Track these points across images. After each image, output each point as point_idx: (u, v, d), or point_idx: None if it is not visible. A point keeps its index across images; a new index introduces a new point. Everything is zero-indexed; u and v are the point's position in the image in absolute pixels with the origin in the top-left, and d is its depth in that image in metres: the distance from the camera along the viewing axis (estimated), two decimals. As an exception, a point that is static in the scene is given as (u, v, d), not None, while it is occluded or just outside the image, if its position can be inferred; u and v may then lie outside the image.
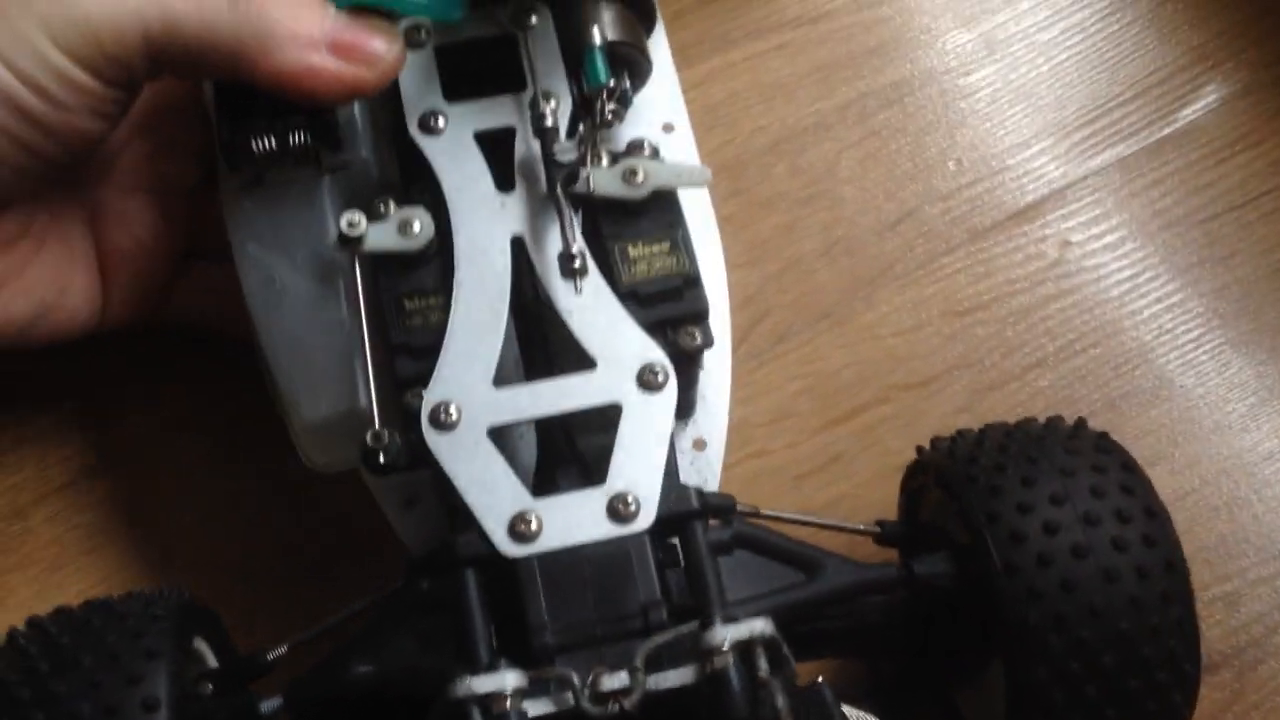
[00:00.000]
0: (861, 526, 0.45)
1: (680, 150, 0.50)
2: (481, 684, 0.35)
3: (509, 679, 0.35)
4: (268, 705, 0.39)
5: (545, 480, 0.41)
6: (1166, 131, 0.59)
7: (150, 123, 0.49)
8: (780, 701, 0.34)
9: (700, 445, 0.45)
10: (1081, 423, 0.44)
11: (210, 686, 0.40)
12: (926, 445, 0.46)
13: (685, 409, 0.45)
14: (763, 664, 0.35)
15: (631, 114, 0.46)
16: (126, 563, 0.50)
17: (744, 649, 0.35)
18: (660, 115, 0.50)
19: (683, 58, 0.56)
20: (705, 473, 0.45)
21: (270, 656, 0.41)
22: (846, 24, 0.61)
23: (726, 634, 0.35)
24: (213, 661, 0.42)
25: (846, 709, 0.38)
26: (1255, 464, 0.53)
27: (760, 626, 0.36)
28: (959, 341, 0.55)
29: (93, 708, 0.35)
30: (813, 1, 0.61)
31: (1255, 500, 0.52)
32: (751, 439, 0.53)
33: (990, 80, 0.60)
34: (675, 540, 0.40)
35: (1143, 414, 0.53)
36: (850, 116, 0.59)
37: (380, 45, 0.43)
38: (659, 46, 0.51)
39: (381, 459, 0.40)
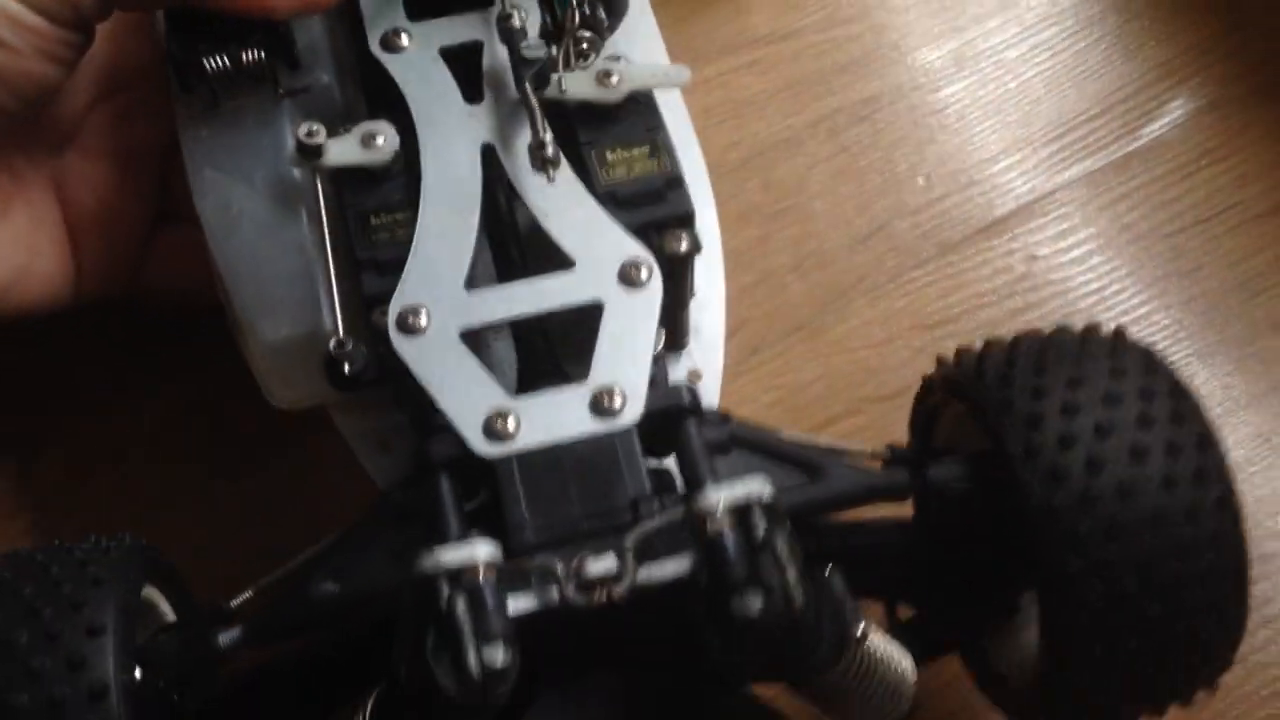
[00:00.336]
0: (870, 451, 0.42)
1: (666, 105, 0.46)
2: (451, 555, 0.32)
3: (481, 550, 0.32)
4: (226, 637, 0.37)
5: (525, 387, 0.39)
6: (1133, 146, 0.59)
7: (116, 85, 0.48)
8: (784, 559, 0.32)
9: (695, 377, 0.43)
10: (1121, 335, 0.41)
11: (167, 633, 0.38)
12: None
13: (679, 338, 0.43)
14: (760, 524, 0.32)
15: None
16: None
17: (741, 514, 0.32)
18: (637, 55, 0.47)
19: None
20: (704, 383, 0.43)
21: (235, 603, 0.39)
22: (817, 41, 0.62)
23: (719, 495, 0.33)
24: (163, 604, 0.39)
25: (874, 628, 0.35)
26: (1221, 474, 0.53)
27: (756, 487, 0.33)
28: (928, 354, 0.54)
29: (32, 637, 0.33)
30: (784, 19, 0.62)
31: (1222, 509, 0.53)
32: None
33: (959, 96, 0.61)
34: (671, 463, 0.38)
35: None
36: (821, 132, 0.60)
37: None
38: (643, 18, 0.49)
39: (346, 368, 0.38)
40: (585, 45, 0.43)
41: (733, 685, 0.37)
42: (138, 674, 0.34)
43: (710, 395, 0.43)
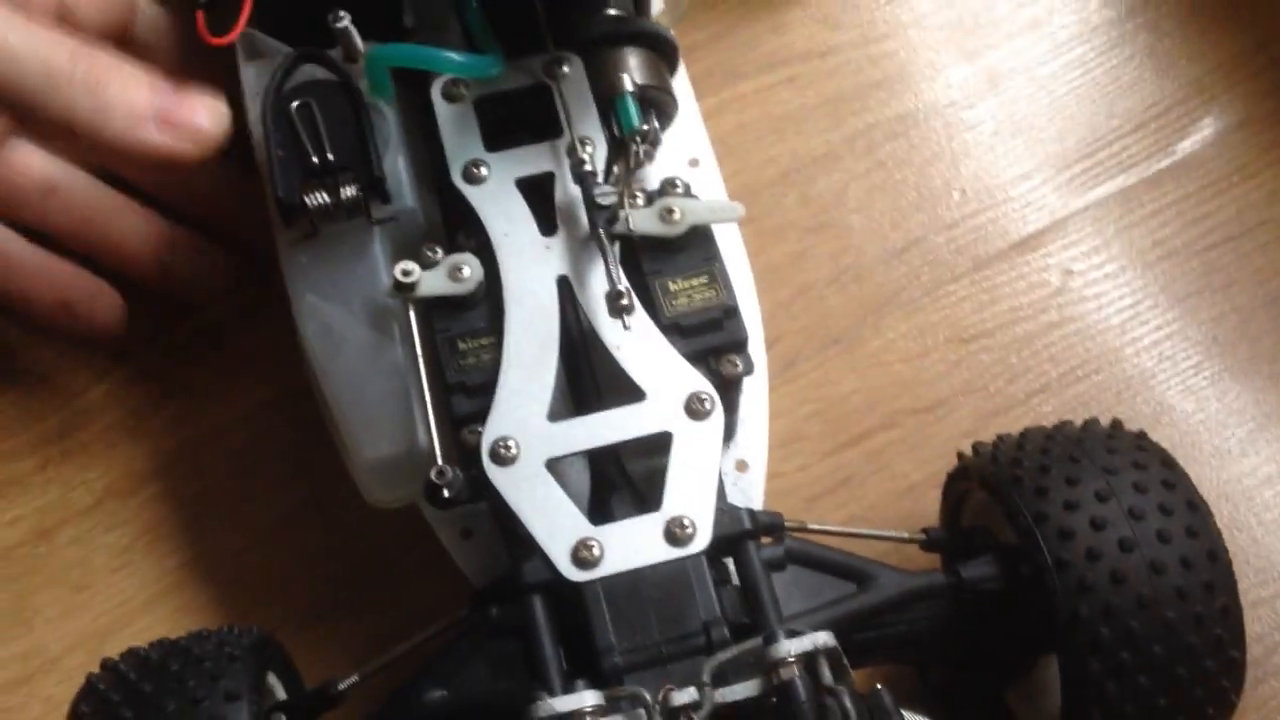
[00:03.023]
0: (906, 535, 0.47)
1: (707, 182, 0.52)
2: (562, 703, 0.37)
3: (587, 698, 0.37)
4: None
5: (600, 506, 0.43)
6: (1165, 163, 0.60)
7: None
8: (848, 705, 0.36)
9: (743, 467, 0.47)
10: (1118, 423, 0.46)
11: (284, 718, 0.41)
12: (933, 469, 0.47)
13: (728, 433, 0.47)
14: (826, 673, 0.36)
15: (659, 151, 0.49)
16: (150, 582, 0.51)
17: (808, 660, 0.37)
18: (686, 150, 0.52)
19: (694, 90, 0.57)
20: (749, 492, 0.47)
21: (341, 686, 0.42)
22: (853, 58, 0.63)
23: (790, 647, 0.37)
24: (282, 694, 0.43)
25: (904, 713, 0.39)
26: (1254, 488, 0.54)
27: (823, 639, 0.37)
28: (964, 368, 0.56)
29: (179, 703, 0.38)
30: (820, 36, 0.63)
31: (1254, 524, 0.53)
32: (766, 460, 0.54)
33: (993, 113, 0.61)
34: (729, 560, 0.42)
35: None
36: (858, 148, 0.61)
37: (204, 120, 0.47)
38: (681, 84, 0.53)
39: (446, 494, 0.42)
40: (644, 155, 0.47)
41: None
42: None
43: (756, 484, 0.47)
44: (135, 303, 0.55)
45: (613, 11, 0.49)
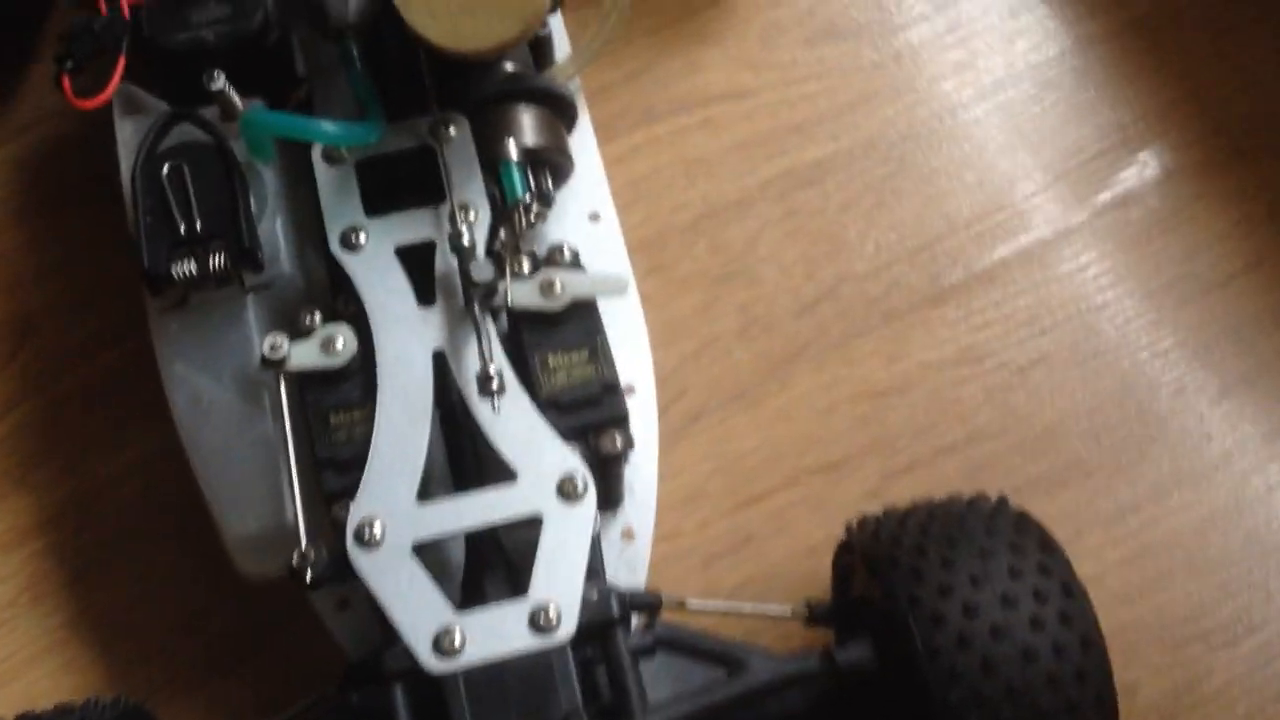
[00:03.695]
0: (789, 611, 0.46)
1: (606, 240, 0.51)
2: None
3: None
4: None
5: (472, 584, 0.43)
6: (1082, 217, 0.59)
7: None
8: None
9: (629, 535, 0.47)
10: (1002, 501, 0.45)
11: None
12: (836, 529, 0.47)
13: (613, 500, 0.46)
14: None
15: (557, 204, 0.48)
16: (33, 639, 0.50)
17: None
18: (586, 204, 0.51)
19: (606, 131, 0.57)
20: (634, 563, 0.46)
21: None
22: (770, 101, 0.61)
23: None
24: None
25: None
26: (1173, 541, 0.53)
27: None
28: (871, 424, 0.55)
29: None
30: (738, 77, 0.62)
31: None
32: (663, 520, 0.53)
33: (911, 161, 0.60)
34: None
35: (1049, 498, 0.54)
36: (771, 194, 0.60)
37: None
38: (583, 134, 0.52)
39: (308, 576, 0.41)
40: (534, 217, 0.46)
41: None
42: None
43: (641, 554, 0.46)
44: (24, 349, 0.54)
45: (508, 67, 0.48)
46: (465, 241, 0.44)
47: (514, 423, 0.42)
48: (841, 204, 0.59)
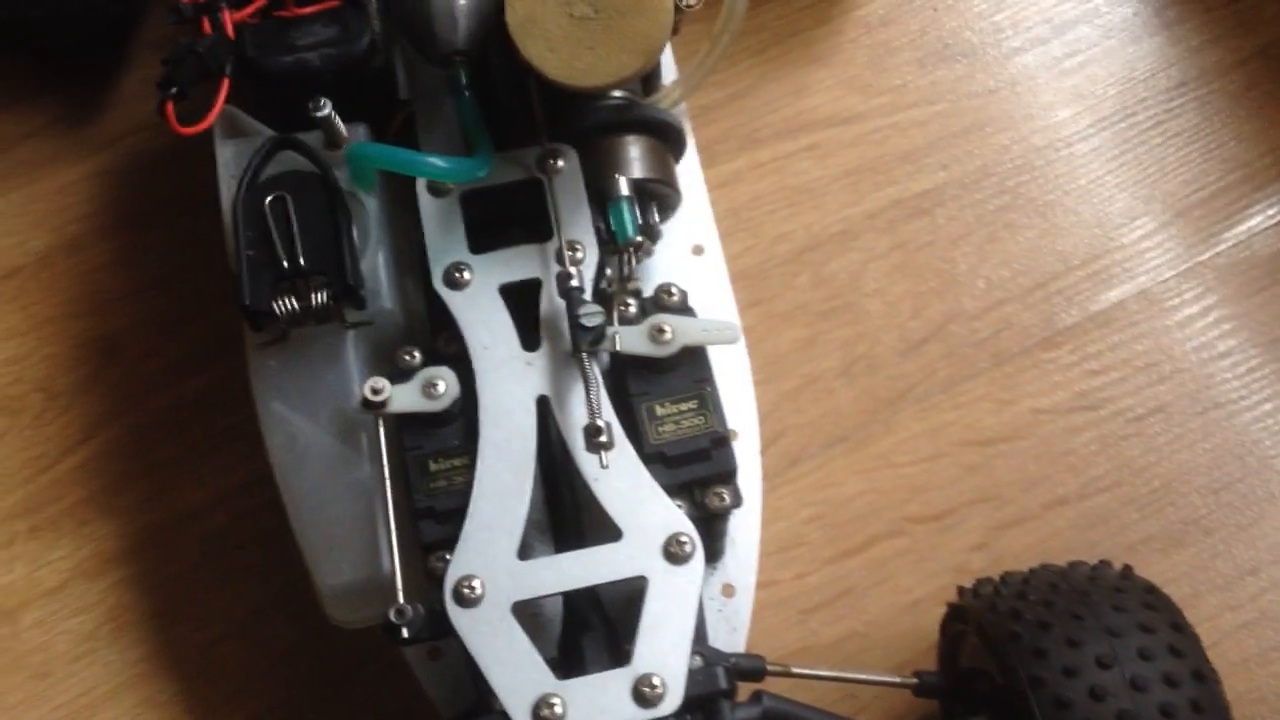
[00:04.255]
0: (899, 679, 0.44)
1: (710, 275, 0.49)
2: None
3: None
4: None
5: (570, 646, 0.41)
6: (1203, 256, 0.57)
7: None
8: None
9: (729, 591, 0.45)
10: (1128, 571, 0.43)
11: None
12: (940, 583, 0.45)
13: (714, 555, 0.45)
14: None
15: (661, 258, 0.46)
16: (114, 673, 0.49)
17: None
18: (690, 236, 0.49)
19: (707, 155, 0.54)
20: (734, 621, 0.45)
21: None
22: (881, 126, 0.59)
23: None
24: None
25: None
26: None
27: None
28: (978, 473, 0.53)
29: None
30: (846, 101, 0.59)
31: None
32: (760, 568, 0.51)
33: (1025, 193, 0.58)
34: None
35: (1164, 558, 0.52)
36: (879, 225, 0.57)
37: None
38: (689, 162, 0.50)
39: (405, 634, 0.39)
40: (639, 259, 0.44)
41: None
42: None
43: (742, 611, 0.44)
44: (110, 370, 0.53)
45: (616, 94, 0.46)
46: (574, 283, 0.42)
47: (621, 478, 0.41)
48: (951, 237, 0.57)
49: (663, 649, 0.38)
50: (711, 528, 0.42)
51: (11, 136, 0.57)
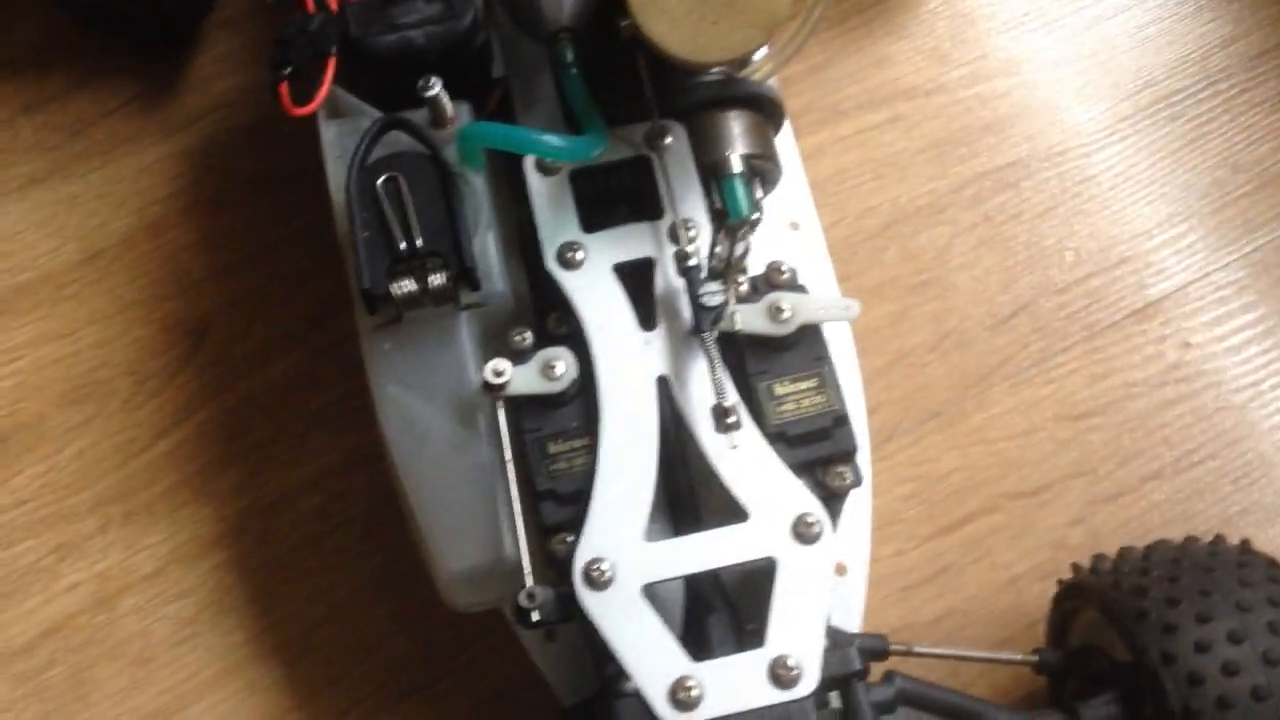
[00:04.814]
0: (1019, 656, 0.44)
1: (808, 248, 0.48)
2: None
3: None
4: None
5: (695, 628, 0.41)
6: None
7: None
8: None
9: (842, 570, 0.44)
10: (1247, 546, 0.43)
11: None
12: (1038, 558, 0.45)
13: None
14: None
15: (767, 232, 0.45)
16: (216, 657, 0.49)
17: None
18: (787, 212, 0.49)
19: (792, 130, 0.54)
20: (849, 600, 0.44)
21: None
22: (962, 97, 0.58)
23: None
24: None
25: None
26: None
27: None
28: (1072, 447, 0.53)
29: None
30: (928, 71, 0.59)
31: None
32: (860, 545, 0.51)
33: (1112, 163, 0.57)
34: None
35: (1261, 531, 0.51)
36: (965, 198, 0.57)
37: None
38: (784, 137, 0.49)
39: (535, 617, 0.39)
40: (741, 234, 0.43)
41: None
42: None
43: (857, 590, 0.44)
44: (201, 352, 0.52)
45: (715, 70, 0.45)
46: (692, 262, 0.41)
47: (747, 459, 0.40)
48: (1038, 210, 0.56)
49: (796, 630, 0.38)
50: (832, 507, 0.41)
51: (89, 116, 0.56)
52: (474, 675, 0.49)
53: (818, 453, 0.41)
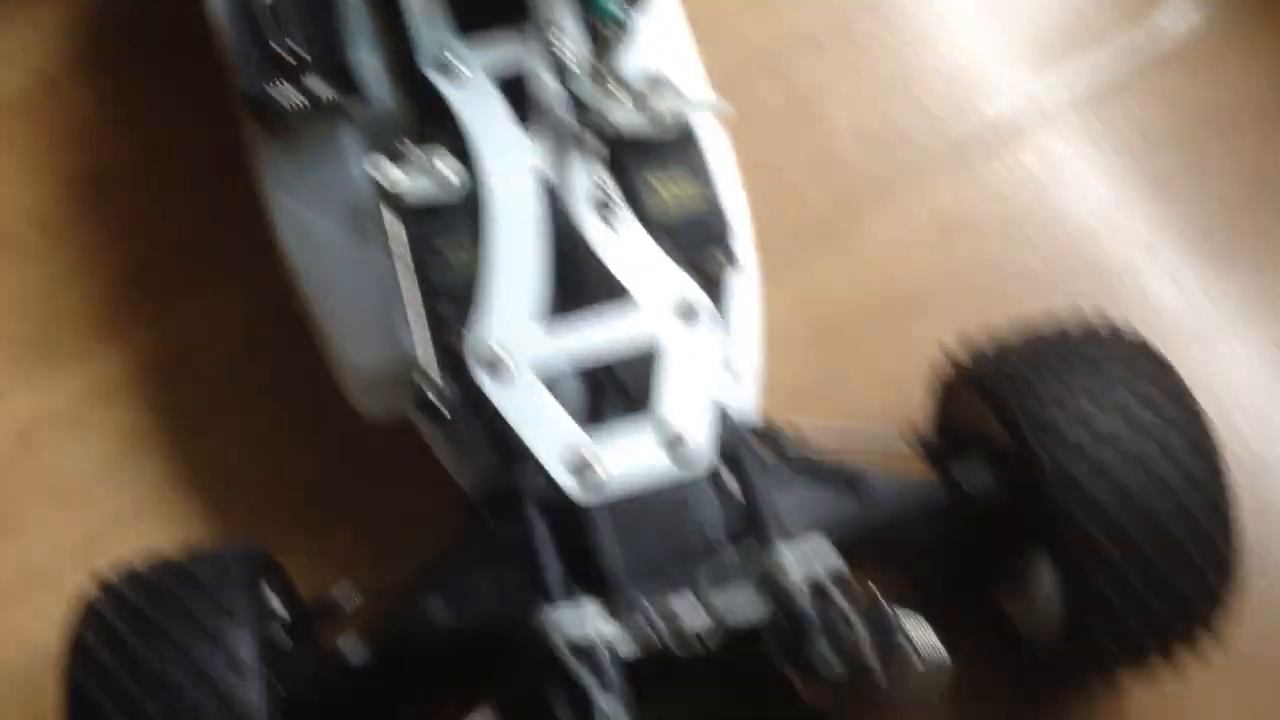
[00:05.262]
0: (898, 436, 0.47)
1: (687, 72, 0.50)
2: (564, 613, 0.37)
3: (588, 608, 0.37)
4: (356, 655, 0.41)
5: (593, 414, 0.42)
6: (1150, 47, 0.59)
7: None
8: (857, 626, 0.37)
9: (734, 371, 0.46)
10: (1104, 317, 0.46)
11: (287, 638, 0.42)
12: (922, 364, 0.48)
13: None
14: (837, 597, 0.37)
15: (638, 40, 0.47)
16: (139, 490, 0.51)
17: (815, 584, 0.37)
18: (663, 37, 0.49)
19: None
20: (743, 397, 0.46)
21: (340, 600, 0.43)
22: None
23: (785, 553, 0.37)
24: (281, 610, 0.43)
25: (899, 611, 0.40)
26: (1236, 377, 0.54)
27: (828, 558, 0.38)
28: (947, 258, 0.56)
29: (184, 674, 0.37)
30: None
31: (1238, 415, 0.53)
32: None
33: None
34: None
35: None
36: (834, 27, 0.59)
37: None
38: None
39: (437, 406, 0.41)
40: (618, 42, 0.45)
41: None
42: (279, 690, 0.38)
43: (750, 389, 0.46)
44: (105, 203, 0.53)
45: None
46: (565, 60, 0.43)
47: (627, 247, 0.43)
48: (906, 37, 0.59)
49: (686, 403, 0.41)
50: (714, 294, 0.44)
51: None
52: (394, 499, 0.50)
53: (696, 241, 0.44)
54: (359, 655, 0.40)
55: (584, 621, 0.36)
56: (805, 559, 0.37)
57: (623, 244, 0.42)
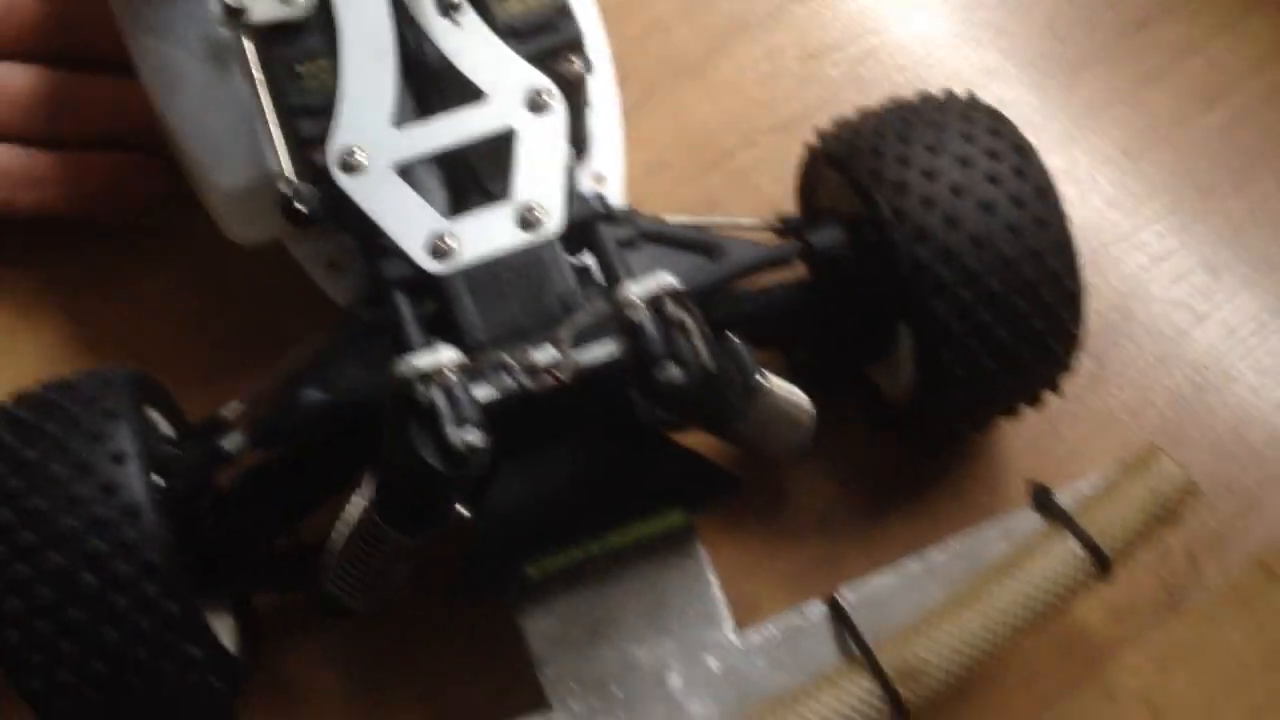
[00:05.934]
0: (760, 221, 0.48)
1: None
2: (422, 360, 0.37)
3: (446, 355, 0.37)
4: (230, 442, 0.41)
5: (455, 207, 0.44)
6: None
7: None
8: (694, 334, 0.37)
9: (600, 179, 0.48)
10: (948, 90, 0.47)
11: (174, 449, 0.42)
12: (794, 180, 0.49)
13: (579, 145, 0.48)
14: (671, 307, 0.38)
15: None
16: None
17: (654, 301, 0.38)
18: None
19: None
20: (609, 203, 0.47)
21: (226, 413, 0.43)
22: None
23: (635, 288, 0.38)
24: (162, 422, 0.44)
25: (771, 376, 0.41)
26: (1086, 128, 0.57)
27: (665, 279, 0.38)
28: (816, 84, 0.58)
29: (64, 468, 0.38)
30: None
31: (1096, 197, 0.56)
32: (629, 190, 0.55)
33: None
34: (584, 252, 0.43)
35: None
36: None
37: None
38: None
39: (300, 209, 0.42)
40: None
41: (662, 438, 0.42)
42: (161, 483, 0.39)
43: (615, 193, 0.48)
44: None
45: None
46: None
47: (475, 46, 0.44)
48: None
49: (539, 182, 0.42)
50: (570, 100, 0.44)
51: None
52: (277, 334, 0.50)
53: (546, 43, 0.45)
54: (236, 443, 0.41)
55: (437, 357, 0.37)
56: (647, 287, 0.38)
57: (471, 44, 0.43)
